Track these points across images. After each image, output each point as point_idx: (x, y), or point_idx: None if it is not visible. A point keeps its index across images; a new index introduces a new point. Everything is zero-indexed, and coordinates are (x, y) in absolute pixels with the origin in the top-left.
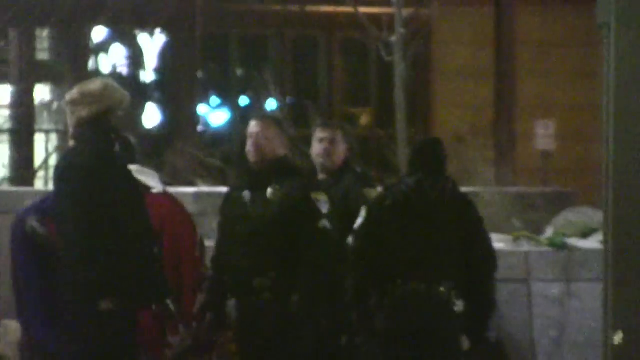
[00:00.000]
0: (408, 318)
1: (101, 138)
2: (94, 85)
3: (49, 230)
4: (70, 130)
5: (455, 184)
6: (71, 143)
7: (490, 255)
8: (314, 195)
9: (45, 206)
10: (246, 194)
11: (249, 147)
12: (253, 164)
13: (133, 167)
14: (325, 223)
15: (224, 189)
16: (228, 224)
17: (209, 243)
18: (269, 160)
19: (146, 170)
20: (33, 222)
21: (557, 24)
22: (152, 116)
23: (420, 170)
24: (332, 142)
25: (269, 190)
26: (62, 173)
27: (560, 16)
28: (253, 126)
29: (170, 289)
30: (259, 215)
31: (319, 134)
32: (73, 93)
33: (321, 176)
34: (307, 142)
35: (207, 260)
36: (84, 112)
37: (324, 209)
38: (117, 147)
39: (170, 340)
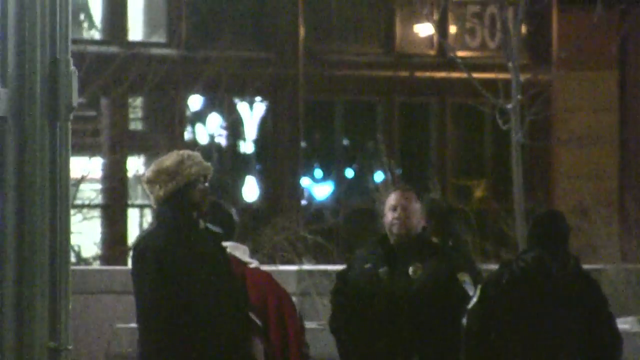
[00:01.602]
0: None
1: (181, 217)
2: (169, 160)
3: None
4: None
5: (577, 260)
6: (153, 223)
7: (615, 338)
8: (459, 276)
9: None
10: (383, 271)
11: (392, 220)
12: (394, 238)
13: (228, 244)
14: (470, 306)
15: (327, 267)
16: (355, 302)
17: (312, 325)
18: (412, 235)
19: (240, 246)
20: None
21: None
22: (251, 189)
23: (539, 245)
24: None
25: (411, 269)
26: (137, 256)
27: None
28: (397, 198)
29: None
30: (401, 294)
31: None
32: (148, 171)
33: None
34: None
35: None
36: (161, 192)
37: (470, 291)
38: (202, 225)
39: None
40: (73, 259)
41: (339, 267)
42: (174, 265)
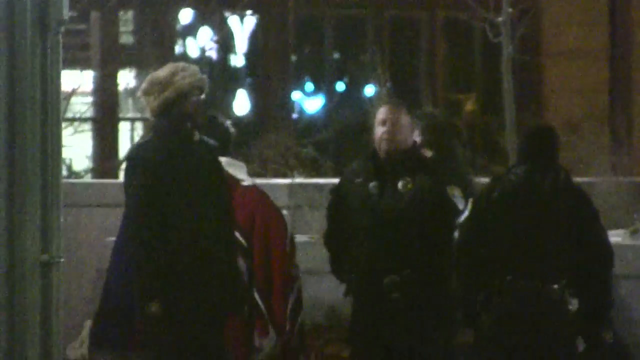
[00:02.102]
0: (518, 318)
1: (174, 128)
2: (163, 72)
3: None
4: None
5: (568, 174)
6: (146, 134)
7: (606, 250)
8: (449, 190)
9: None
10: (373, 185)
11: (381, 135)
12: (383, 153)
13: (223, 160)
14: (461, 220)
15: (319, 181)
16: (348, 216)
17: (303, 238)
18: (401, 150)
19: (236, 162)
20: None
21: None
22: (242, 103)
23: (530, 159)
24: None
25: (401, 183)
26: (128, 165)
27: None
28: (386, 112)
29: (246, 296)
30: (390, 208)
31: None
32: (143, 83)
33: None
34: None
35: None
36: (155, 102)
37: (460, 204)
38: (196, 136)
39: (257, 343)
40: (64, 172)
41: (331, 180)
42: (165, 176)
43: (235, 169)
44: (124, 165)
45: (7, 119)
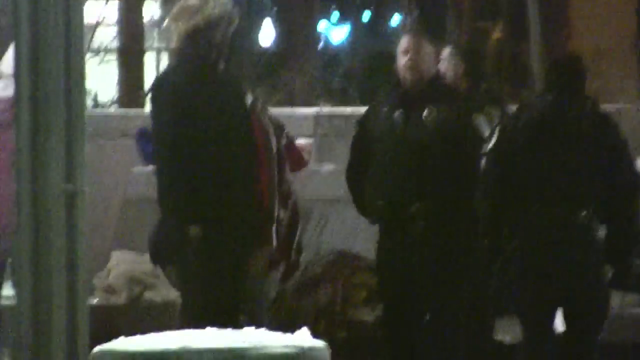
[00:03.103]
0: (547, 245)
1: (200, 54)
2: None
3: None
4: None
5: (595, 101)
6: (172, 61)
7: (634, 177)
8: (473, 118)
9: None
10: (398, 115)
11: (404, 64)
12: (407, 83)
13: None
14: (487, 146)
15: (346, 110)
16: (373, 145)
17: (330, 166)
18: (425, 79)
19: None
20: None
21: None
22: (267, 33)
23: (557, 87)
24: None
25: (426, 112)
26: (154, 93)
27: None
28: (408, 41)
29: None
30: (414, 137)
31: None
32: (174, 8)
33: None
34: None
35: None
36: (182, 28)
37: (485, 131)
38: (221, 65)
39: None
40: (90, 103)
41: (358, 109)
42: (189, 102)
43: None
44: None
45: (30, 48)
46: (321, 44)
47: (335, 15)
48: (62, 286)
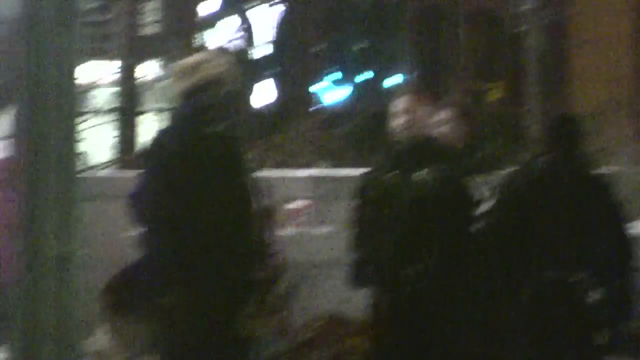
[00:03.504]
0: (542, 308)
1: (195, 115)
2: (195, 57)
3: None
4: None
5: (591, 163)
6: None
7: (628, 241)
8: (468, 180)
9: None
10: (392, 176)
11: (400, 125)
12: (402, 144)
13: None
14: (482, 208)
15: (344, 172)
16: (370, 208)
17: (327, 229)
18: (420, 140)
19: None
20: None
21: None
22: (265, 93)
23: (554, 148)
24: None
25: (419, 173)
26: (148, 153)
27: None
28: (404, 102)
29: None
30: (409, 198)
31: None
32: (174, 65)
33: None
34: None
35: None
36: (181, 86)
37: (476, 192)
38: (220, 127)
39: None
40: (85, 164)
41: (355, 170)
42: (179, 165)
43: None
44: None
45: (29, 102)
46: (319, 105)
47: (335, 75)
48: (53, 352)
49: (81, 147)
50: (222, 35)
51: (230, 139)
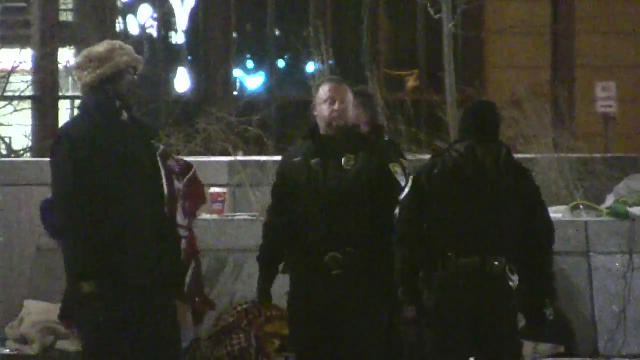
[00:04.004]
0: (460, 295)
1: (104, 105)
2: (101, 47)
3: None
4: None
5: (509, 150)
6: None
7: (547, 226)
8: (391, 167)
9: None
10: (316, 163)
11: (330, 113)
12: (331, 131)
13: None
14: (402, 197)
15: (260, 159)
16: (292, 193)
17: (245, 215)
18: (344, 127)
19: None
20: None
21: None
22: (183, 81)
23: (471, 136)
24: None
25: (344, 159)
26: (54, 144)
27: None
28: (332, 90)
29: (182, 285)
30: (334, 185)
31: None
32: (79, 57)
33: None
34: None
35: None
36: (88, 78)
37: (402, 181)
38: (124, 116)
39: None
40: (4, 151)
41: (273, 158)
42: (90, 152)
43: None
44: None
45: None
46: (237, 92)
47: (251, 63)
48: None
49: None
50: (141, 22)
51: (140, 126)
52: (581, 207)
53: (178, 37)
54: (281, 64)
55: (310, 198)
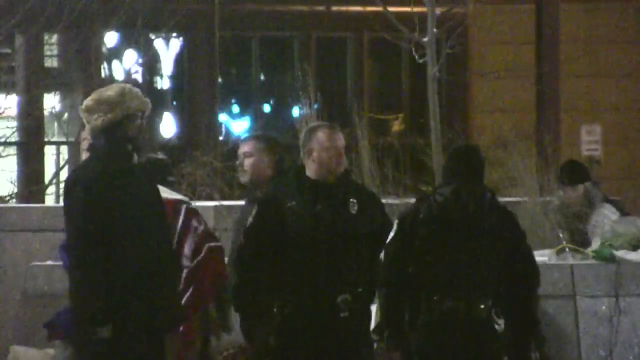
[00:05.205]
0: (445, 338)
1: (115, 149)
2: (111, 91)
3: None
4: (88, 141)
5: (494, 193)
6: (84, 156)
7: (532, 270)
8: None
9: None
10: (320, 208)
11: (330, 158)
12: (332, 177)
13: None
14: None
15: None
16: (291, 239)
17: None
18: (342, 173)
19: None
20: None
21: (603, 20)
22: (169, 125)
23: (455, 179)
24: (253, 155)
25: (350, 204)
26: (67, 189)
27: (606, 11)
28: (331, 137)
29: (184, 314)
30: (343, 230)
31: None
32: (88, 100)
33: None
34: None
35: None
36: (98, 121)
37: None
38: (135, 159)
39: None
40: None
41: None
42: (104, 197)
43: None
44: (56, 190)
45: None
46: (222, 137)
47: (236, 107)
48: None
49: None
50: (125, 67)
51: (148, 170)
52: (567, 250)
53: (163, 82)
54: (266, 108)
55: (319, 242)
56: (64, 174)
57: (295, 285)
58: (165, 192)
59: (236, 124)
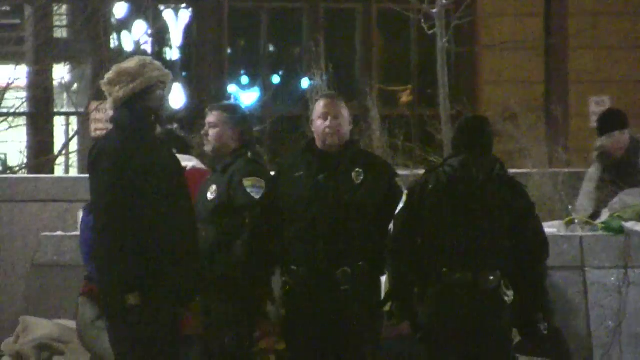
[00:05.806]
0: (454, 310)
1: (138, 120)
2: (131, 62)
3: None
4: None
5: (502, 165)
6: (93, 127)
7: (541, 241)
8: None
9: None
10: (323, 177)
11: (324, 128)
12: (327, 146)
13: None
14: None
15: None
16: (293, 208)
17: None
18: (343, 142)
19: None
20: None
21: None
22: (178, 97)
23: (464, 150)
24: (217, 125)
25: (354, 174)
26: (93, 160)
27: None
28: (327, 105)
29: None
30: (346, 200)
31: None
32: (109, 73)
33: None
34: None
35: None
36: (120, 93)
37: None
38: (158, 130)
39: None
40: None
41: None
42: (130, 167)
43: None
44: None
45: None
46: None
47: (245, 78)
48: None
49: None
50: (135, 38)
51: (169, 140)
52: (576, 221)
53: (172, 53)
54: (275, 79)
55: (318, 213)
56: (73, 145)
57: (294, 258)
58: (193, 161)
59: (245, 95)
